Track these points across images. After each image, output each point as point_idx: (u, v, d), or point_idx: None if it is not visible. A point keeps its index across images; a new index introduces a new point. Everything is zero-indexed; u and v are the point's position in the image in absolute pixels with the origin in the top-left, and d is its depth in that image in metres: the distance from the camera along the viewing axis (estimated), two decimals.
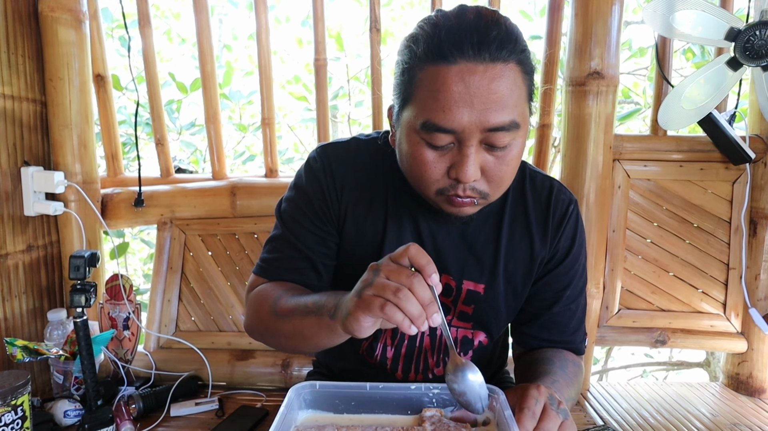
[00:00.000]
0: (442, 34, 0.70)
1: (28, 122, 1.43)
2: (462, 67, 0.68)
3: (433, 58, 0.70)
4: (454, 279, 0.91)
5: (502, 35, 0.69)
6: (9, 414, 0.98)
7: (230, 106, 2.80)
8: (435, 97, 0.70)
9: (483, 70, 0.68)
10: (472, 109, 0.69)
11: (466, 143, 0.71)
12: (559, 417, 0.69)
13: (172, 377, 1.49)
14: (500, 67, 0.69)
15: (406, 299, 0.61)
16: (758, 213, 1.55)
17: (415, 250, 0.64)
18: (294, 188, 0.94)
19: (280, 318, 0.81)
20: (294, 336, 0.80)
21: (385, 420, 0.75)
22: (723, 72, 1.39)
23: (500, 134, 0.71)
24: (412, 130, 0.74)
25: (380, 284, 0.63)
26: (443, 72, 0.69)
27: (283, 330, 0.82)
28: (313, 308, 0.76)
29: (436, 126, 0.71)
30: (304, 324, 0.77)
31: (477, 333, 0.96)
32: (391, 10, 3.52)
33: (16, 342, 1.21)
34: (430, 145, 0.73)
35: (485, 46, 0.68)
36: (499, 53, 0.68)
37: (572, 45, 1.46)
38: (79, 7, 1.44)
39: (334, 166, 0.91)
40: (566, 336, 0.95)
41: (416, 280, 0.62)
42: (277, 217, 0.95)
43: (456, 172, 0.73)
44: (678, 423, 1.41)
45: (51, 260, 1.52)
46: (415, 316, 0.62)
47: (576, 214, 0.94)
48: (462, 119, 0.69)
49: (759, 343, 1.56)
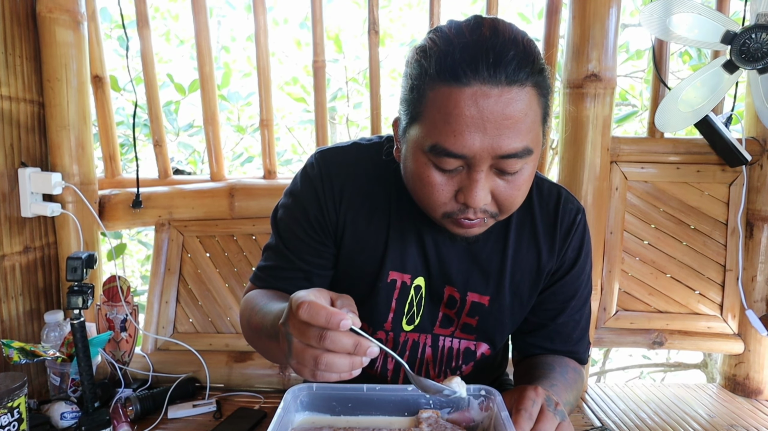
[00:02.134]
0: (456, 53, 0.65)
1: (26, 123, 1.43)
2: (476, 89, 0.64)
3: (445, 78, 0.65)
4: (458, 290, 0.89)
5: (520, 55, 0.64)
6: (5, 417, 0.98)
7: (228, 108, 2.80)
8: (446, 120, 0.66)
9: (498, 93, 0.64)
10: (484, 134, 0.65)
11: (476, 168, 0.68)
12: (556, 418, 0.69)
13: (170, 379, 1.49)
14: (516, 91, 0.65)
15: (329, 365, 0.57)
16: (754, 215, 1.55)
17: (307, 313, 0.57)
18: (290, 195, 0.90)
19: (254, 332, 0.80)
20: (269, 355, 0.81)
21: (382, 422, 0.75)
22: (719, 75, 1.40)
23: (512, 161, 0.67)
24: (419, 150, 0.70)
25: (297, 354, 0.59)
26: (456, 94, 0.65)
27: (258, 347, 0.82)
28: (272, 332, 0.70)
29: (446, 150, 0.67)
30: (270, 346, 0.75)
31: (480, 344, 0.94)
32: (390, 12, 3.52)
33: (12, 344, 1.21)
34: (438, 167, 0.70)
35: (502, 67, 0.63)
36: (516, 75, 0.64)
37: (570, 47, 1.47)
38: (77, 8, 1.44)
39: (333, 173, 0.86)
40: (569, 346, 0.94)
41: (328, 341, 0.57)
42: (272, 226, 0.92)
43: (465, 196, 0.70)
44: (675, 424, 1.41)
45: (48, 261, 1.52)
46: (347, 370, 0.58)
47: (583, 224, 0.91)
48: (473, 145, 0.65)
49: (756, 345, 1.56)
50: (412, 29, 3.55)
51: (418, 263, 0.88)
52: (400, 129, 0.77)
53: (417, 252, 0.88)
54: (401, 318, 0.91)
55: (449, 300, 0.90)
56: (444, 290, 0.90)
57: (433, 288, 0.90)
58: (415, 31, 3.46)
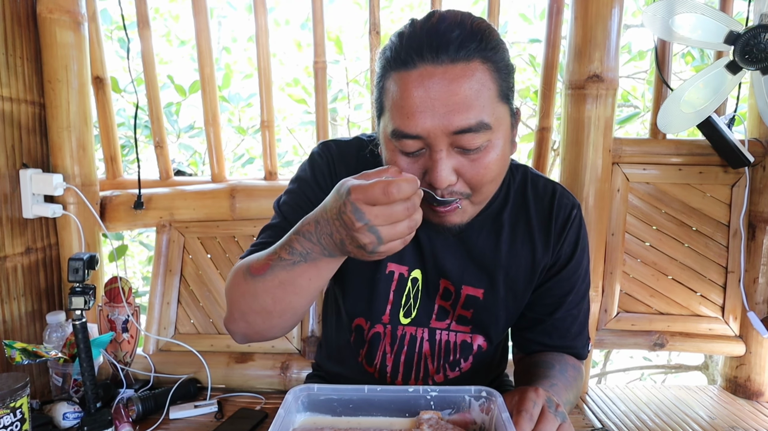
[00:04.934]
0: (404, 41, 0.70)
1: (27, 124, 1.43)
2: (421, 71, 0.68)
3: (396, 66, 0.70)
4: (453, 283, 0.91)
5: (465, 35, 0.68)
6: (8, 417, 0.98)
7: (229, 109, 2.80)
8: (399, 104, 0.70)
9: (442, 72, 0.67)
10: (434, 112, 0.68)
11: (434, 148, 0.71)
12: (556, 419, 0.69)
13: (171, 379, 1.49)
14: (461, 67, 0.68)
15: (415, 224, 0.61)
16: (757, 216, 1.55)
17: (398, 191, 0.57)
18: (297, 180, 0.93)
19: (258, 278, 0.72)
20: (284, 298, 0.72)
21: (383, 423, 0.75)
22: (722, 75, 1.40)
23: (468, 136, 0.69)
24: (386, 138, 0.75)
25: (389, 232, 0.59)
26: (404, 78, 0.69)
27: (269, 292, 0.73)
28: (298, 257, 0.68)
29: (402, 133, 0.70)
30: (294, 275, 0.69)
31: (476, 337, 0.96)
32: (391, 13, 3.52)
33: (15, 344, 1.21)
34: (402, 152, 0.73)
35: (443, 47, 0.67)
36: (458, 53, 0.67)
37: (572, 48, 1.46)
38: (77, 9, 1.44)
39: (336, 162, 0.90)
40: (568, 341, 0.95)
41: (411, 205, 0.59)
42: (275, 209, 0.94)
43: (429, 177, 0.72)
44: (676, 426, 1.40)
45: (50, 263, 1.52)
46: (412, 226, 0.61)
47: (579, 219, 0.93)
48: (425, 124, 0.69)
49: (757, 347, 1.56)
50: None
51: (414, 256, 0.91)
52: (376, 126, 0.81)
53: (413, 245, 0.90)
54: (398, 310, 0.93)
55: (444, 292, 0.92)
56: (439, 282, 0.92)
57: (428, 281, 0.92)
58: None
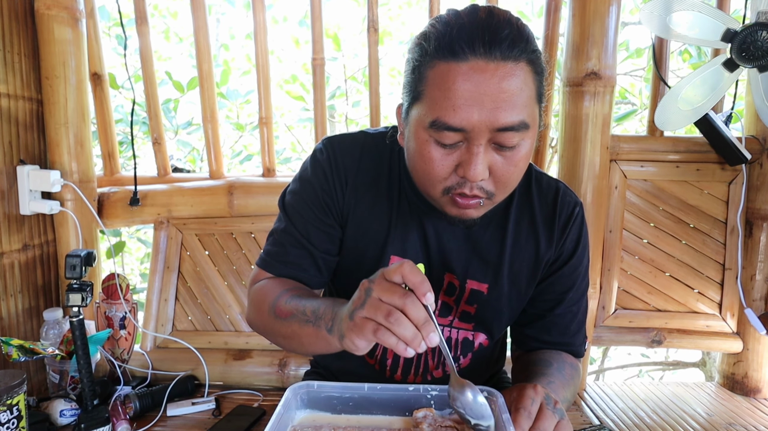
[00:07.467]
0: (454, 32, 0.68)
1: (24, 120, 1.43)
2: (472, 64, 0.67)
3: (444, 55, 0.69)
4: (457, 278, 0.91)
5: (514, 34, 0.68)
6: (4, 414, 0.98)
7: (227, 105, 2.80)
8: (445, 95, 0.69)
9: (494, 68, 0.67)
10: (482, 107, 0.68)
11: (474, 142, 0.70)
12: (555, 416, 0.69)
13: (169, 376, 1.49)
14: (511, 66, 0.68)
15: (399, 323, 0.59)
16: (754, 213, 1.55)
17: (409, 268, 0.61)
18: (299, 180, 0.93)
19: (279, 320, 0.81)
20: (292, 340, 0.80)
21: (382, 421, 0.75)
22: (719, 73, 1.40)
23: (509, 134, 0.70)
24: (420, 127, 0.73)
25: (372, 306, 0.61)
26: (453, 69, 0.68)
27: (281, 332, 0.82)
28: (311, 317, 0.75)
29: (446, 124, 0.70)
30: (302, 332, 0.76)
31: (477, 334, 0.96)
32: (389, 10, 3.52)
33: (11, 341, 1.21)
34: (439, 143, 0.72)
35: (496, 44, 0.67)
36: (510, 52, 0.67)
37: (570, 46, 1.46)
38: (75, 5, 1.44)
39: (340, 158, 0.89)
40: (566, 338, 0.95)
41: (409, 301, 0.60)
42: (280, 209, 0.94)
43: (464, 170, 0.72)
44: (674, 422, 1.41)
45: (47, 259, 1.52)
46: (409, 339, 0.59)
47: (581, 217, 0.94)
48: (471, 118, 0.68)
49: (754, 343, 1.56)
50: (411, 27, 3.55)
51: (418, 249, 0.91)
52: (402, 113, 0.80)
53: (418, 239, 0.90)
54: None
55: (449, 287, 0.92)
56: (444, 277, 0.92)
57: (433, 275, 0.92)
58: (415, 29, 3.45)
